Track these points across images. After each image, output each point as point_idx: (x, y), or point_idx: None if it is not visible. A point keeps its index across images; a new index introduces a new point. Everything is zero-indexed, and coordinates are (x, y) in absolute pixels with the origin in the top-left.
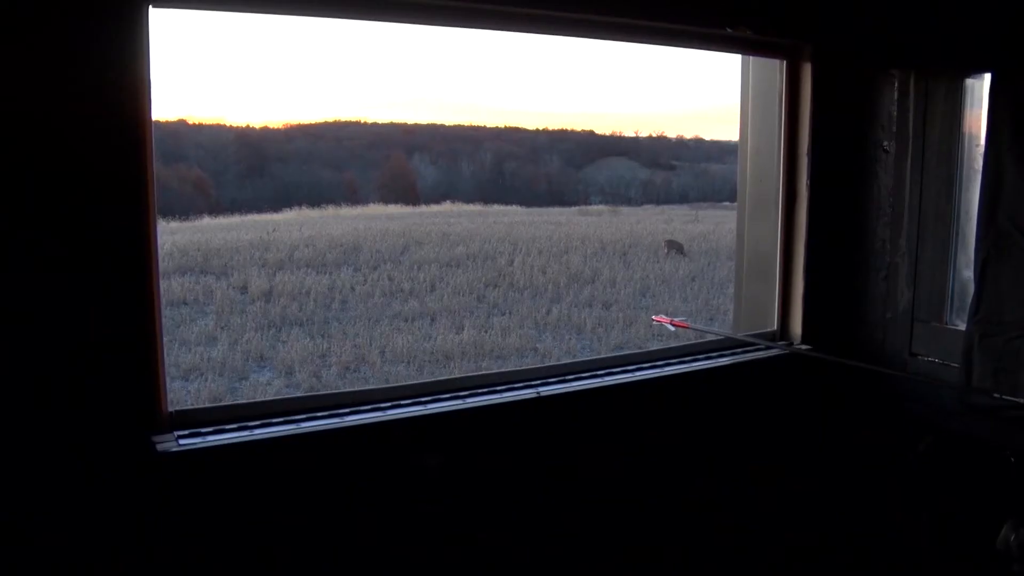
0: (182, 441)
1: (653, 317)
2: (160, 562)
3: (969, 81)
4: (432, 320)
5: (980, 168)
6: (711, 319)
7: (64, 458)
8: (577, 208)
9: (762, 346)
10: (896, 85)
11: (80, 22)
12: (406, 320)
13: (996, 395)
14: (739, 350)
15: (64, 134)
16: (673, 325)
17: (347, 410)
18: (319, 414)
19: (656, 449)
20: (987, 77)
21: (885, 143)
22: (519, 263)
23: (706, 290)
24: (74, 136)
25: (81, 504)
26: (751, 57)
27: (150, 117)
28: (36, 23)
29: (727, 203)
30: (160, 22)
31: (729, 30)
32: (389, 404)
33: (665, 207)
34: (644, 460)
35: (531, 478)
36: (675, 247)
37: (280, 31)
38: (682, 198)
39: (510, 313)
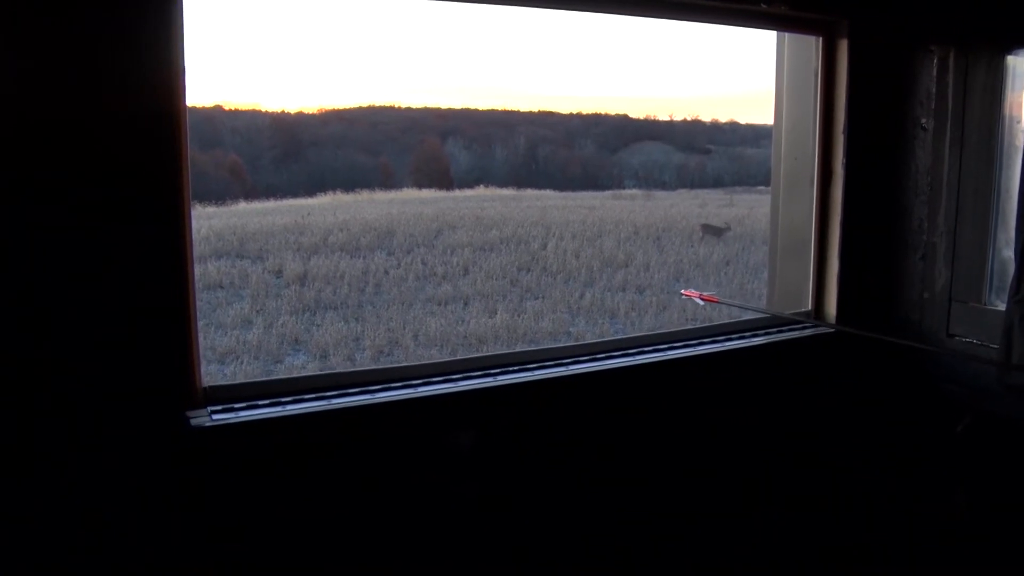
0: (215, 416)
1: (682, 291)
2: (192, 536)
3: (1010, 58)
4: (465, 304)
5: (1021, 146)
6: (746, 303)
7: (100, 433)
8: (611, 192)
9: (801, 325)
10: (935, 61)
11: (112, 5)
12: (439, 304)
13: None
14: (773, 329)
15: (97, 121)
16: (702, 299)
17: (379, 387)
18: (351, 391)
19: (690, 428)
20: None
21: (923, 120)
22: (552, 247)
23: (740, 274)
24: (107, 123)
25: (117, 478)
26: (786, 34)
27: (184, 102)
28: (66, 7)
29: (762, 187)
30: (194, 5)
31: (764, 6)
32: (420, 381)
33: (699, 191)
34: (678, 439)
35: (562, 457)
36: (711, 230)
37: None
38: (717, 182)
39: (543, 297)
